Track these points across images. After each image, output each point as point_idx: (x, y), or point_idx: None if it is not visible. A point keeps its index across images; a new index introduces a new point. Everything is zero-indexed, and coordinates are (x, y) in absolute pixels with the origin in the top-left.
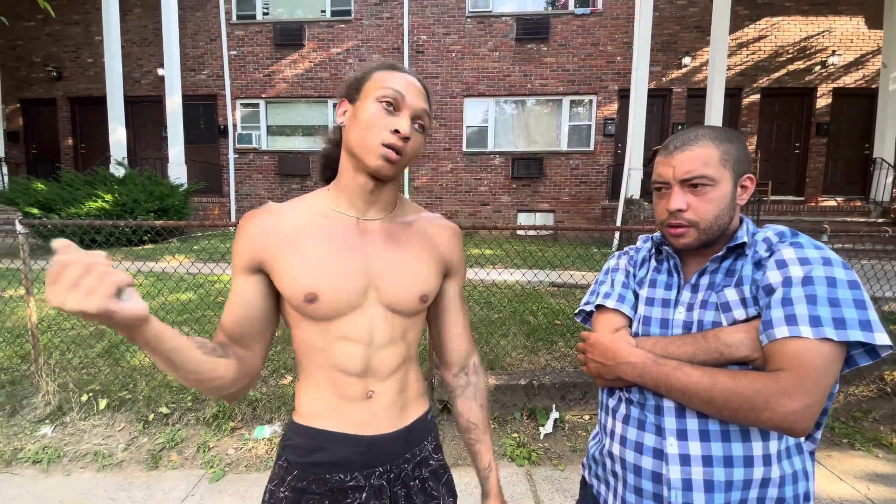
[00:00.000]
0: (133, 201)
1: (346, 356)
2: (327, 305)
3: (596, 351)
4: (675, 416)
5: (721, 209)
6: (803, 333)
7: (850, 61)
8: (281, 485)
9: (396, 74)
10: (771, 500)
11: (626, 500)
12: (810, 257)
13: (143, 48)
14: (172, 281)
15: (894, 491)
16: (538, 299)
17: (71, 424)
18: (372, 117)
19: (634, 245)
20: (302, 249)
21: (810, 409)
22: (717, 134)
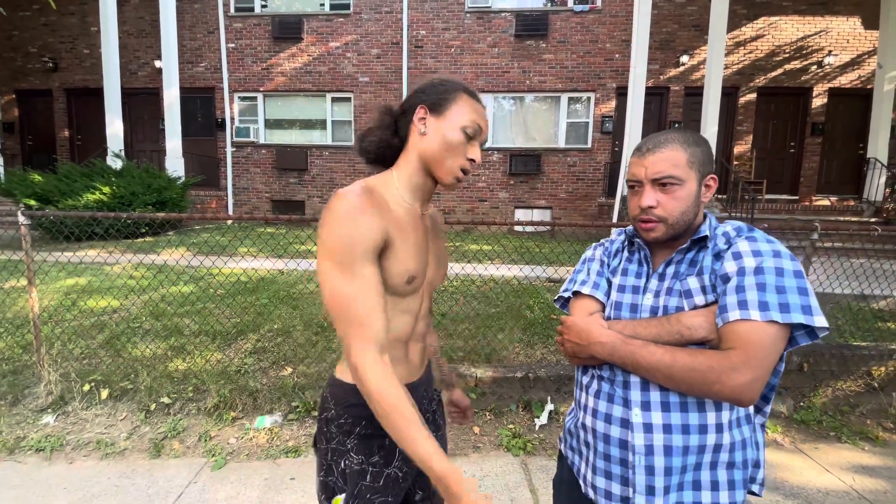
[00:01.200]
0: (131, 194)
1: (403, 325)
2: (417, 285)
3: (572, 332)
4: (640, 389)
5: (687, 206)
6: (752, 316)
7: (846, 62)
8: (347, 437)
9: (479, 107)
10: (723, 463)
11: (596, 465)
12: (762, 250)
13: (141, 39)
14: (174, 273)
15: (879, 482)
16: (535, 294)
17: (73, 414)
18: (457, 145)
19: (610, 238)
20: (406, 236)
21: (756, 382)
22: (684, 138)
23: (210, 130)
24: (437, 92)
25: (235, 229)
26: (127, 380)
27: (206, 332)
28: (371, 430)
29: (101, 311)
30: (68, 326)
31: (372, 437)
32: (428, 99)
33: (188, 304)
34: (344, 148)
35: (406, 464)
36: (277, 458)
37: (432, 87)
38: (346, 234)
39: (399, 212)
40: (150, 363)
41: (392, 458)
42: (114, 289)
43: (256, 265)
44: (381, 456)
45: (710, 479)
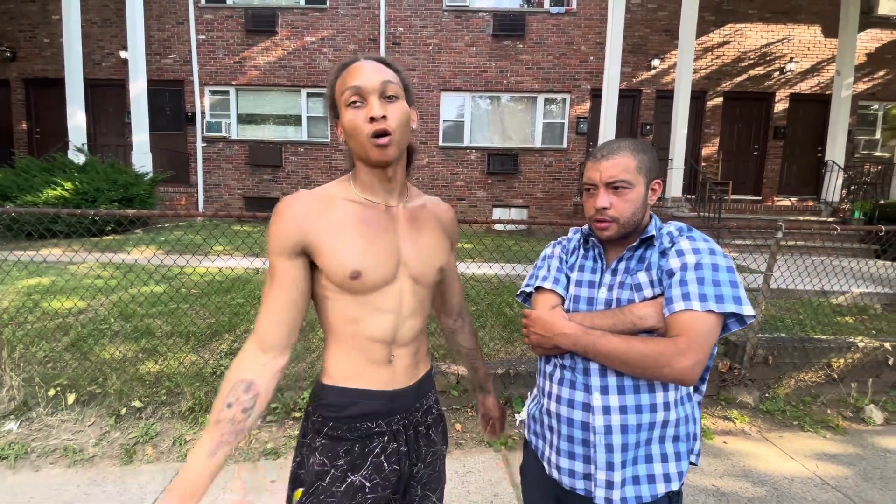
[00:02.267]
0: (95, 190)
1: (378, 325)
2: (368, 280)
3: (537, 325)
4: (598, 375)
5: (636, 208)
6: (693, 307)
7: (806, 68)
8: (317, 436)
9: (350, 68)
10: (669, 437)
11: (560, 447)
12: (700, 248)
13: (105, 29)
14: (143, 273)
15: (840, 468)
16: (514, 292)
17: (37, 420)
18: (350, 122)
19: (566, 236)
20: (345, 232)
21: (698, 364)
22: (634, 146)
23: (179, 125)
24: (328, 99)
25: (207, 227)
26: (95, 384)
27: (179, 334)
28: (338, 433)
29: (67, 312)
30: (31, 329)
31: (339, 440)
32: (331, 112)
33: (160, 305)
34: (319, 144)
35: (379, 475)
36: (257, 461)
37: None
38: (271, 239)
39: (344, 208)
40: (120, 366)
41: (361, 465)
42: (79, 289)
43: (231, 264)
44: (346, 461)
45: (660, 453)
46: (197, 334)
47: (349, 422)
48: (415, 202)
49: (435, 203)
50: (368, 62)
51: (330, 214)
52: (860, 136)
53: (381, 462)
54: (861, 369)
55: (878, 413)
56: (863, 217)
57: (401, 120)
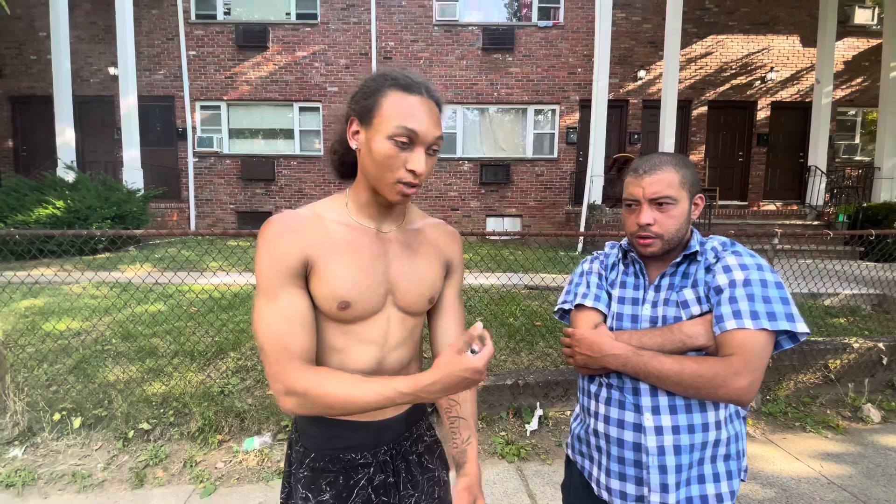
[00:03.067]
0: (87, 208)
1: (361, 356)
2: (356, 311)
3: (582, 345)
4: (649, 395)
5: (681, 223)
6: (746, 325)
7: (786, 77)
8: (300, 467)
9: (410, 101)
10: (721, 456)
11: (609, 468)
12: (748, 264)
13: (93, 45)
14: (141, 292)
15: (844, 467)
16: (516, 302)
17: (43, 445)
18: (386, 158)
19: (603, 251)
20: (338, 258)
21: (755, 384)
22: (676, 161)
23: (170, 140)
24: (364, 97)
25: (201, 243)
26: (100, 407)
27: (183, 353)
28: (321, 464)
29: (66, 333)
30: (31, 352)
31: (322, 472)
32: (357, 107)
33: (161, 324)
34: (312, 158)
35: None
36: (270, 481)
37: (360, 90)
38: (265, 262)
39: (337, 231)
40: (126, 387)
41: (348, 497)
42: (76, 309)
43: (228, 280)
44: (332, 495)
45: (712, 472)
46: (201, 353)
47: (332, 453)
48: (413, 226)
49: (436, 227)
50: (429, 104)
51: (323, 234)
52: (840, 142)
53: (370, 495)
54: (857, 369)
55: (876, 412)
56: (846, 220)
57: (429, 173)
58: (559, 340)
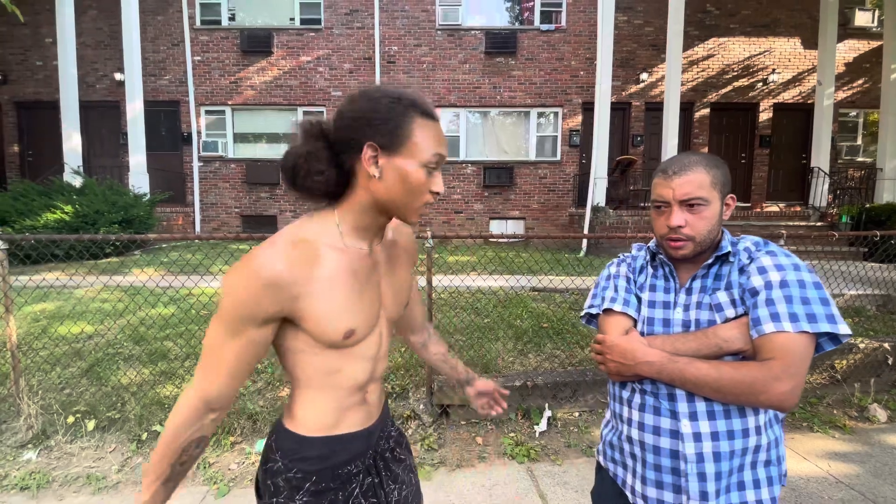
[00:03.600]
0: (95, 212)
1: (357, 372)
2: (359, 335)
3: (614, 352)
4: (686, 400)
5: (712, 225)
6: (785, 328)
7: (788, 79)
8: (296, 493)
9: (436, 128)
10: (761, 461)
11: (646, 476)
12: (783, 264)
13: (99, 51)
14: (151, 295)
15: (852, 467)
16: (522, 304)
17: (57, 448)
18: (420, 184)
19: (630, 253)
20: (337, 291)
21: (797, 389)
22: (706, 161)
23: (175, 145)
24: (388, 123)
25: (206, 247)
26: (113, 409)
27: (193, 356)
28: (323, 486)
29: (77, 337)
30: (47, 355)
31: (324, 493)
32: (377, 134)
33: (170, 327)
34: None
35: None
36: None
37: (380, 115)
38: (235, 299)
39: (331, 262)
40: (138, 390)
41: None
42: (87, 313)
43: None
44: None
45: (752, 479)
46: None
47: (333, 470)
48: (389, 235)
49: (402, 232)
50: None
51: (319, 273)
52: (842, 143)
53: (361, 501)
54: (863, 369)
55: (882, 411)
56: (850, 221)
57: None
58: (566, 341)
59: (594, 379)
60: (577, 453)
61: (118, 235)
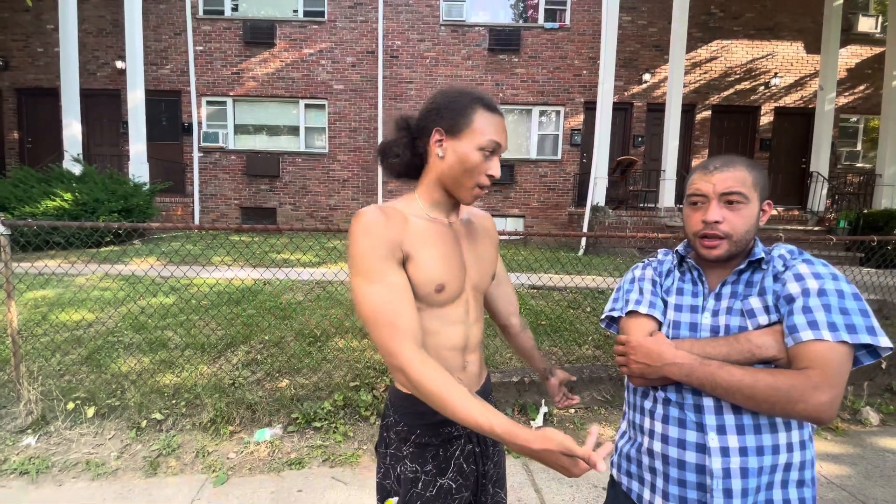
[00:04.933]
0: (95, 201)
1: (454, 335)
2: (449, 294)
3: (639, 353)
4: (713, 413)
5: (750, 225)
6: (824, 337)
7: (790, 83)
8: (403, 444)
9: (496, 120)
10: (793, 481)
11: (668, 492)
12: (821, 273)
13: (100, 39)
14: (152, 284)
15: (843, 468)
16: (521, 301)
17: (56, 434)
18: (475, 165)
19: (656, 257)
20: (429, 247)
21: (836, 400)
22: (749, 162)
23: (176, 135)
24: (453, 112)
25: (205, 237)
26: (113, 397)
27: (193, 346)
28: (426, 440)
29: (77, 324)
30: (46, 342)
31: (426, 447)
32: (443, 121)
33: (170, 317)
34: (317, 155)
35: (461, 476)
36: (281, 471)
37: (447, 105)
38: (366, 247)
39: (420, 224)
40: (138, 378)
41: (447, 468)
42: (88, 301)
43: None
44: (434, 465)
45: (783, 498)
46: (211, 346)
47: (435, 427)
48: (464, 216)
49: (477, 215)
50: (504, 122)
51: (412, 226)
52: (842, 148)
53: (462, 464)
54: (856, 373)
55: (874, 415)
56: (847, 226)
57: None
58: (564, 339)
59: (591, 377)
60: None
61: (121, 224)
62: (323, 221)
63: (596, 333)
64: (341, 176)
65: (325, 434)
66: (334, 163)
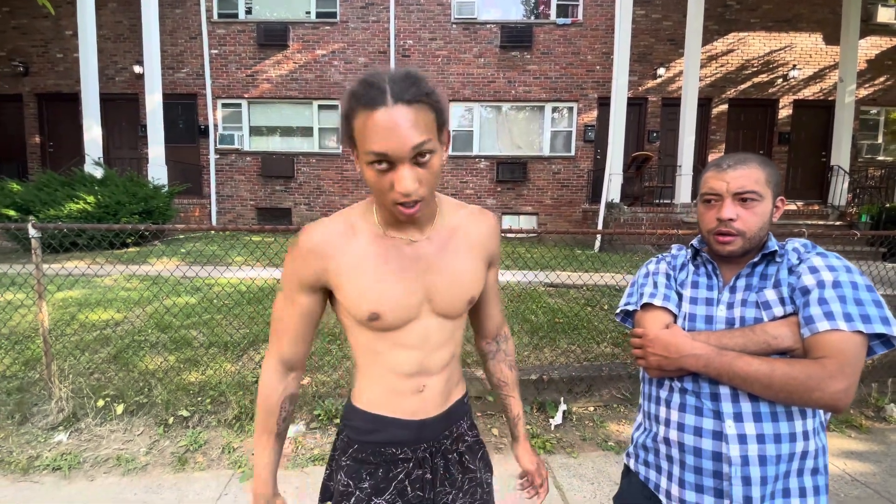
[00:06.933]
0: (116, 203)
1: (401, 360)
2: (387, 322)
3: (657, 346)
4: (730, 401)
5: (764, 222)
6: (840, 327)
7: (809, 75)
8: (343, 455)
9: (374, 119)
10: (808, 469)
11: (684, 479)
12: (835, 265)
13: (118, 44)
14: (172, 284)
15: (867, 465)
16: (536, 299)
17: (86, 430)
18: (374, 183)
19: (670, 252)
20: (364, 272)
21: (851, 388)
22: (762, 159)
23: (192, 137)
24: (343, 119)
25: (222, 238)
26: (141, 394)
27: (217, 344)
28: (363, 456)
29: (105, 324)
30: (72, 341)
31: (363, 463)
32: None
33: (194, 316)
34: (331, 155)
35: (402, 499)
36: (305, 467)
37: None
38: (287, 270)
39: (361, 246)
40: (164, 376)
41: (385, 489)
42: (114, 301)
43: (253, 274)
44: (370, 484)
45: (798, 486)
46: (234, 344)
47: (374, 447)
48: (448, 221)
49: (471, 217)
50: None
51: (351, 250)
52: (862, 141)
53: (406, 487)
54: (880, 370)
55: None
56: (869, 220)
57: (432, 182)
58: (582, 336)
59: (609, 374)
60: (593, 446)
61: (147, 226)
62: None
63: (614, 331)
64: (355, 176)
65: None
66: (348, 163)
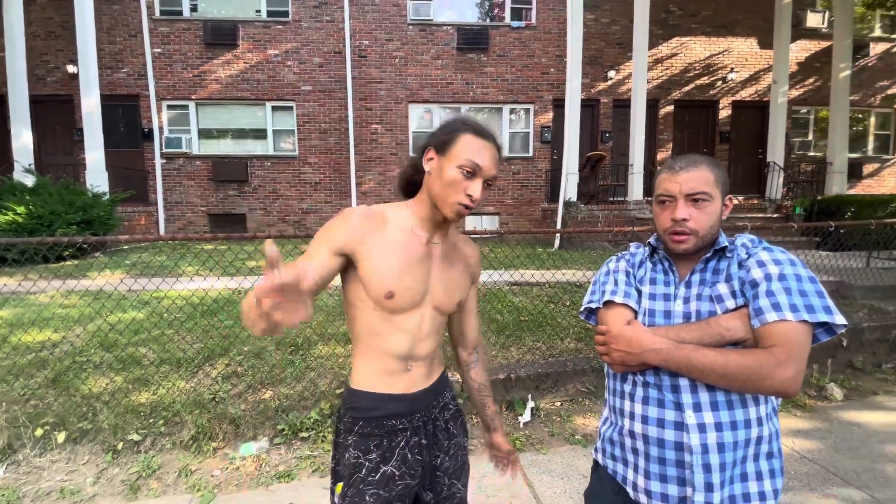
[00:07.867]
0: (51, 213)
1: (397, 343)
2: (399, 302)
3: (619, 342)
4: (689, 392)
5: (714, 221)
6: (787, 317)
7: (745, 77)
8: (349, 434)
9: (480, 143)
10: (763, 454)
11: (649, 470)
12: (780, 259)
13: (49, 42)
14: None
15: (812, 442)
16: (502, 298)
17: (25, 462)
18: (452, 181)
19: (629, 251)
20: (391, 256)
21: (800, 375)
22: (711, 161)
23: (135, 141)
24: (444, 132)
25: (171, 248)
26: (85, 419)
27: (169, 361)
28: (368, 430)
29: (41, 345)
30: (3, 366)
31: (369, 436)
32: (435, 140)
33: (142, 332)
34: (287, 158)
35: (405, 464)
36: (270, 485)
37: (442, 127)
38: (331, 226)
39: (394, 234)
40: (111, 399)
41: (391, 456)
42: (50, 320)
43: (206, 285)
44: (378, 454)
45: (755, 470)
46: (188, 360)
47: (377, 420)
48: (451, 240)
49: (465, 241)
50: (493, 150)
51: (382, 234)
52: (795, 139)
53: (406, 454)
54: (820, 351)
55: (839, 390)
56: (803, 212)
57: (482, 201)
58: (546, 333)
59: (574, 369)
60: (561, 441)
61: (85, 237)
62: (296, 226)
63: (577, 326)
64: (313, 179)
65: (313, 444)
66: (305, 165)
